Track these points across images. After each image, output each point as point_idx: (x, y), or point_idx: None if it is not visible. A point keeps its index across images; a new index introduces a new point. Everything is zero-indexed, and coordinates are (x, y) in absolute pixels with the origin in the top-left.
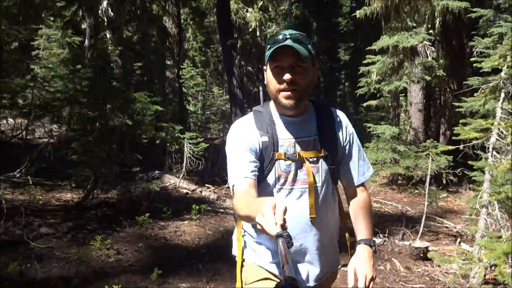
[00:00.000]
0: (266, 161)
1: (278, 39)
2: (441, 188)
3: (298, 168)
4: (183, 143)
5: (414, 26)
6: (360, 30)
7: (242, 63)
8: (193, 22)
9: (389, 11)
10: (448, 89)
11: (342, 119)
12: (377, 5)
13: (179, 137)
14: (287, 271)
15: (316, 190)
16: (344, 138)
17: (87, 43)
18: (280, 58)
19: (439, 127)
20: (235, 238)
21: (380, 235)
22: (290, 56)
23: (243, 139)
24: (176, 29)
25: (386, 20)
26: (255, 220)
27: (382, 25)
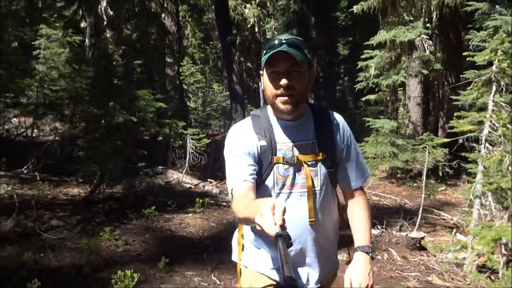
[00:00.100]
0: (265, 165)
1: (274, 44)
2: (439, 181)
3: (297, 172)
4: (186, 139)
5: (411, 20)
6: (358, 25)
7: (242, 59)
8: (191, 19)
9: (386, 6)
10: (446, 82)
11: (340, 122)
12: (374, 0)
13: (183, 133)
14: (286, 271)
15: (314, 193)
16: (342, 141)
17: (88, 42)
18: (276, 64)
19: (438, 121)
20: (235, 243)
21: (378, 226)
22: (286, 61)
23: (241, 143)
24: (175, 26)
25: (383, 15)
26: (254, 221)
27: (379, 19)
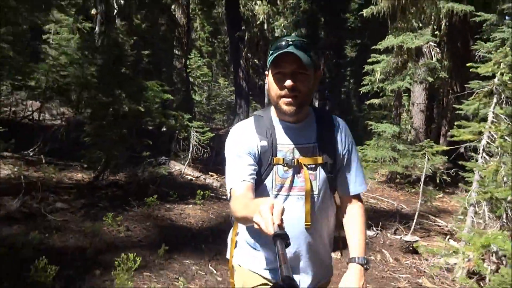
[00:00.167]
0: (264, 165)
1: (281, 45)
2: (437, 188)
3: (296, 174)
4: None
5: (420, 27)
6: (367, 28)
7: (249, 56)
8: (201, 12)
9: (395, 11)
10: (451, 90)
11: (342, 128)
12: (384, 4)
13: (188, 125)
14: (285, 271)
15: (312, 197)
16: (343, 146)
17: (98, 30)
18: (282, 65)
19: (440, 128)
20: (230, 241)
21: (373, 228)
22: (292, 62)
23: (243, 143)
24: (185, 19)
25: (392, 20)
26: (253, 219)
27: (388, 24)
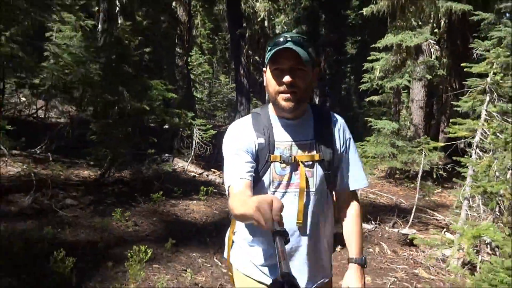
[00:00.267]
0: (262, 163)
1: (279, 41)
2: (436, 183)
3: (293, 171)
4: (193, 129)
5: (419, 25)
6: (368, 25)
7: (250, 53)
8: (202, 9)
9: (395, 10)
10: (449, 87)
11: (340, 124)
12: (383, 3)
13: (191, 123)
14: (284, 267)
15: (308, 194)
16: (341, 143)
17: (100, 28)
18: (280, 60)
19: (439, 125)
20: (227, 239)
21: (372, 222)
22: (290, 58)
23: (240, 140)
24: (186, 17)
25: (392, 18)
26: (251, 216)
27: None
